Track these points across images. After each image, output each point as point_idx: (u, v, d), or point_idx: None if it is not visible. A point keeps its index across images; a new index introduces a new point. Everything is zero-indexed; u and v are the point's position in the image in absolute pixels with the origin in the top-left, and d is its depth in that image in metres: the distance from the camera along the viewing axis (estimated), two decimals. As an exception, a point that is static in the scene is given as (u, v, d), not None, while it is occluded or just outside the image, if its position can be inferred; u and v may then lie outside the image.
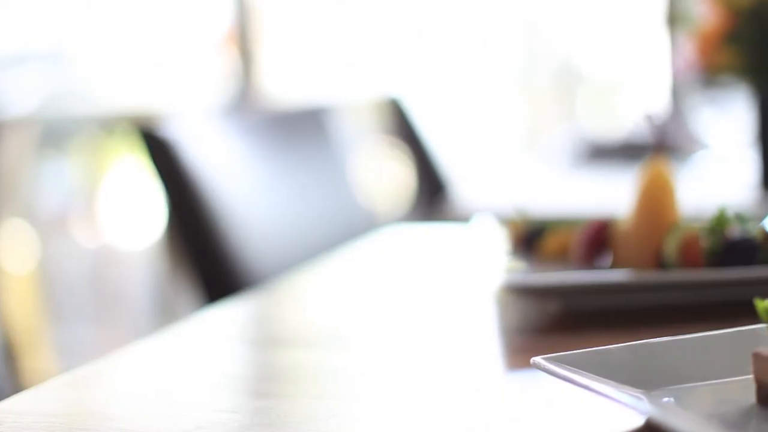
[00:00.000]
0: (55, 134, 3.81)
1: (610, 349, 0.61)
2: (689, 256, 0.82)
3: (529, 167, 2.31)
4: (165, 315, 3.08)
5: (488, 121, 4.29)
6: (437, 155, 2.40)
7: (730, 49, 1.31)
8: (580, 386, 0.57)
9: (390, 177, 3.00)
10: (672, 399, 0.58)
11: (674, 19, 1.40)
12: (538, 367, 0.60)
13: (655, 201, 0.86)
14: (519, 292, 0.83)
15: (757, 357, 0.57)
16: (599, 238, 0.89)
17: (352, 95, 3.61)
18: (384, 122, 2.53)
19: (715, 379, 0.61)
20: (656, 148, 0.78)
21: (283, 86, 3.87)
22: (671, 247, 0.83)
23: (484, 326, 0.85)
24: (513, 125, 4.30)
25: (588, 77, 4.26)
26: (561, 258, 0.91)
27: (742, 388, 0.58)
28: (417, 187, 2.43)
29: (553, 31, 4.30)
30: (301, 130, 1.75)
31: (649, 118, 0.86)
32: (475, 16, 4.30)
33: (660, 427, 0.53)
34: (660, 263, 0.84)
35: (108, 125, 3.47)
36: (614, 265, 0.88)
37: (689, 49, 1.36)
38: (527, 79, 4.36)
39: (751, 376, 0.57)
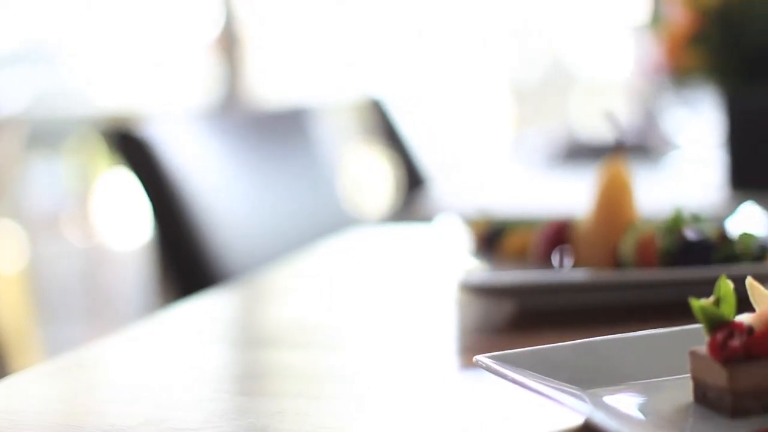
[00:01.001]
0: (46, 134, 3.82)
1: (552, 347, 0.62)
2: (645, 256, 0.83)
3: (511, 167, 2.32)
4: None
5: (475, 121, 4.30)
6: (419, 155, 2.41)
7: (696, 49, 1.31)
8: (520, 385, 0.58)
9: (372, 177, 3.01)
10: (612, 398, 0.59)
11: (653, 20, 1.42)
12: (480, 365, 0.60)
13: (613, 201, 0.87)
14: (477, 291, 0.83)
15: (694, 355, 0.58)
16: (558, 238, 0.89)
17: (336, 96, 3.62)
18: (366, 123, 2.54)
19: (656, 377, 0.61)
20: (616, 148, 0.78)
21: (270, 88, 3.89)
22: (627, 246, 0.84)
23: (444, 326, 0.85)
24: (500, 125, 4.31)
25: (579, 77, 4.27)
26: (521, 258, 0.92)
27: (681, 386, 0.59)
28: (399, 186, 2.43)
29: (544, 32, 4.31)
30: (280, 130, 1.76)
31: (609, 117, 0.86)
32: (466, 17, 4.31)
33: (598, 427, 0.54)
34: (617, 263, 0.85)
35: (98, 126, 3.48)
36: (573, 265, 0.88)
37: (659, 50, 1.37)
38: (517, 80, 4.37)
39: (689, 375, 0.58)
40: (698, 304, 0.57)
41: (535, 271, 0.88)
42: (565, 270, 0.88)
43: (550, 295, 0.82)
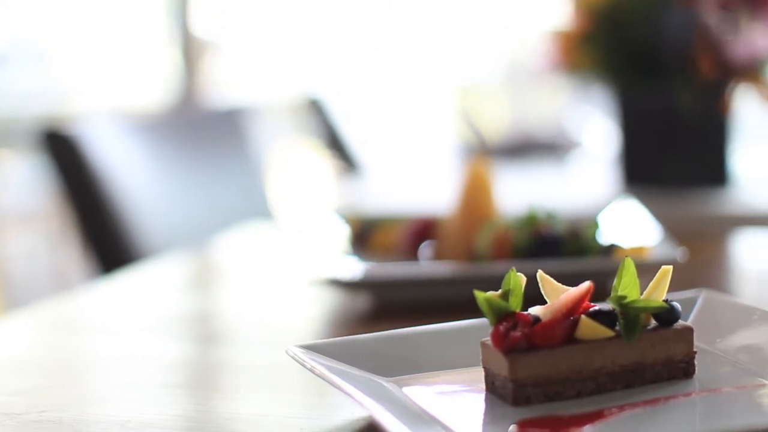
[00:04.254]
0: (14, 132, 3.84)
1: (360, 338, 0.64)
2: (500, 250, 0.86)
3: (452, 164, 2.33)
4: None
5: (421, 120, 4.31)
6: (356, 153, 2.42)
7: (587, 49, 1.34)
8: (315, 373, 0.60)
9: (310, 174, 3.03)
10: (411, 388, 0.61)
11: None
12: (290, 355, 0.63)
13: (473, 199, 0.90)
14: (337, 285, 0.85)
15: (484, 346, 0.60)
16: (423, 234, 0.92)
17: (279, 95, 3.66)
18: (306, 122, 2.55)
19: (461, 367, 0.64)
20: (479, 147, 0.80)
21: (225, 88, 3.92)
22: (484, 242, 0.86)
23: (305, 319, 0.88)
24: (447, 124, 4.31)
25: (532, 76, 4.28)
26: (388, 252, 0.95)
27: (479, 375, 0.61)
28: (336, 183, 2.44)
29: (499, 30, 4.33)
30: (213, 130, 1.78)
31: (465, 117, 0.86)
32: (423, 17, 4.34)
33: (375, 417, 0.55)
34: (474, 257, 0.87)
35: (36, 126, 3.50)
36: (437, 259, 0.91)
37: (556, 49, 1.39)
38: (471, 78, 4.39)
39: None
40: (483, 296, 0.59)
41: (395, 265, 0.90)
42: (425, 264, 0.90)
43: (405, 289, 0.84)
